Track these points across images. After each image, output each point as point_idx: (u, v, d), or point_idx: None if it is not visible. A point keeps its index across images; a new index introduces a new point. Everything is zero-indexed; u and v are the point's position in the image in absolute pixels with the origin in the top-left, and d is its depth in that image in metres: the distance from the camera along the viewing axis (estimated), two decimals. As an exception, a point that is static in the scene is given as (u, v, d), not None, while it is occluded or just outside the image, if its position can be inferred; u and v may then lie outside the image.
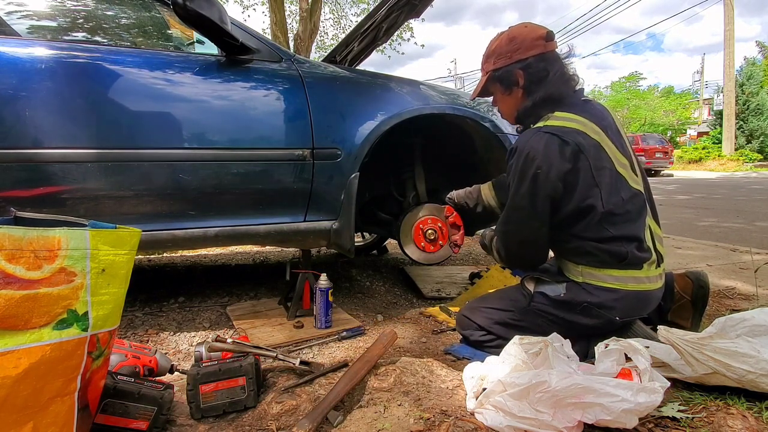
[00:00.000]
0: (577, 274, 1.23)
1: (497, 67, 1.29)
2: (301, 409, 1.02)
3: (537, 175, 1.17)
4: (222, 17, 1.33)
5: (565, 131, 1.19)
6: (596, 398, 0.85)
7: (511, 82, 1.29)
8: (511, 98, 1.33)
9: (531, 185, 1.18)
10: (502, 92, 1.33)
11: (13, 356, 0.67)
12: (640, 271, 1.21)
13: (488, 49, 1.33)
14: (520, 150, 1.21)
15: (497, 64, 1.29)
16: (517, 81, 1.28)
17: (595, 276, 1.21)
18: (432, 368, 1.17)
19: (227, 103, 1.43)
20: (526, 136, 1.22)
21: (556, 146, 1.16)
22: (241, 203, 1.48)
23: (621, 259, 1.19)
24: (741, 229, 4.06)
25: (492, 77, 1.31)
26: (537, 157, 1.16)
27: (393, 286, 2.18)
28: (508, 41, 1.28)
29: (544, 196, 1.18)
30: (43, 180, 1.25)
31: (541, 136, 1.19)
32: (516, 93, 1.31)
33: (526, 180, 1.19)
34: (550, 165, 1.16)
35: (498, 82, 1.32)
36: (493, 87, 1.35)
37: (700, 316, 1.36)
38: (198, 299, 1.90)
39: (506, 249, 1.32)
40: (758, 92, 21.06)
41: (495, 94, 1.37)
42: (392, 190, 2.09)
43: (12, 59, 1.23)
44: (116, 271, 0.82)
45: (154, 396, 0.92)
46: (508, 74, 1.28)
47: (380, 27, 1.71)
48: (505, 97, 1.34)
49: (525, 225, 1.25)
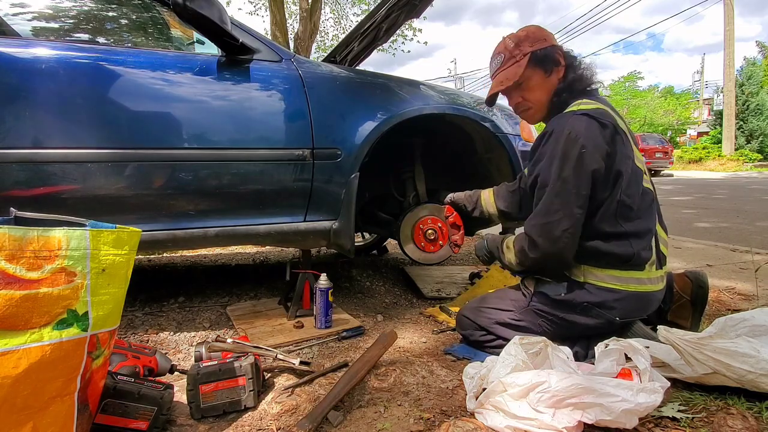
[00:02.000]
0: (579, 274, 1.23)
1: (537, 48, 1.27)
2: (301, 409, 1.02)
3: (582, 155, 1.13)
4: (222, 17, 1.33)
5: (601, 113, 1.18)
6: (596, 398, 0.85)
7: (553, 61, 1.28)
8: (549, 81, 1.30)
9: (576, 165, 1.13)
10: (543, 74, 1.30)
11: (13, 356, 0.67)
12: (641, 272, 1.20)
13: (516, 37, 1.31)
14: (558, 131, 1.17)
15: (536, 46, 1.27)
16: (559, 60, 1.28)
17: (596, 276, 1.21)
18: (432, 368, 1.17)
19: (227, 103, 1.43)
20: (562, 119, 1.20)
21: (596, 127, 1.15)
22: (241, 203, 1.48)
23: (626, 260, 1.18)
24: (741, 229, 4.06)
25: (534, 57, 1.28)
26: (580, 137, 1.13)
27: (393, 286, 2.18)
28: (537, 30, 1.30)
29: (588, 178, 1.14)
30: (43, 180, 1.25)
31: (579, 117, 1.17)
32: (556, 74, 1.29)
33: (570, 160, 1.14)
34: (594, 144, 1.13)
35: (539, 63, 1.28)
36: (531, 71, 1.29)
37: (700, 316, 1.36)
38: (198, 299, 1.90)
39: (543, 246, 1.19)
40: (758, 92, 21.07)
41: (530, 80, 1.31)
42: (392, 190, 2.09)
43: (12, 59, 1.23)
44: (116, 271, 0.82)
45: (154, 396, 0.92)
46: (552, 53, 1.28)
47: (380, 27, 1.71)
48: (544, 80, 1.30)
49: (570, 212, 1.16)
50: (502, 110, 1.99)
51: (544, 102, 1.33)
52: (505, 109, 2.02)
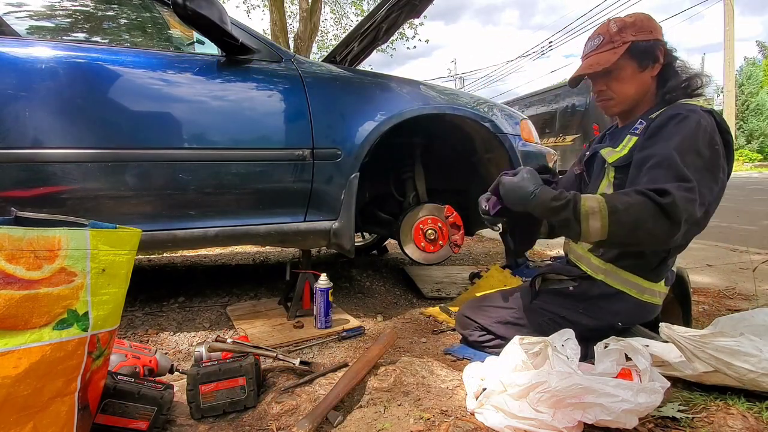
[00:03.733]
0: (599, 272, 1.20)
1: (640, 39, 1.18)
2: (301, 409, 1.02)
3: (717, 150, 1.07)
4: (222, 17, 1.33)
5: (721, 118, 1.12)
6: (596, 398, 0.85)
7: (652, 57, 1.19)
8: (642, 76, 1.21)
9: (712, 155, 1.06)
10: (636, 68, 1.20)
11: (13, 356, 0.67)
12: (657, 284, 1.20)
13: (623, 22, 1.21)
14: (690, 118, 1.08)
15: (639, 36, 1.18)
16: (658, 57, 1.19)
17: (618, 278, 1.18)
18: (432, 368, 1.17)
19: (227, 103, 1.43)
20: (689, 108, 1.11)
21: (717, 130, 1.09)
22: (241, 203, 1.48)
23: (653, 268, 1.17)
24: (741, 229, 4.06)
25: (633, 48, 1.18)
26: (713, 133, 1.07)
27: (393, 286, 2.18)
28: (647, 19, 1.21)
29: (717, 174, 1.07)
30: (43, 180, 1.25)
31: (707, 113, 1.10)
32: (650, 71, 1.20)
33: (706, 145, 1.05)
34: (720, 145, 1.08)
35: (637, 55, 1.19)
36: (624, 61, 1.20)
37: (689, 311, 1.36)
38: (198, 299, 1.90)
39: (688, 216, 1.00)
40: (758, 92, 21.09)
41: (621, 70, 1.21)
42: (392, 190, 2.09)
43: (12, 59, 1.23)
44: (116, 271, 0.82)
45: (154, 396, 0.92)
46: (652, 48, 1.18)
47: (380, 27, 1.71)
48: (636, 74, 1.21)
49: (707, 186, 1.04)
50: (502, 110, 1.99)
51: (629, 96, 1.24)
52: (505, 109, 2.02)
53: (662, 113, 1.14)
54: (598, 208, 1.02)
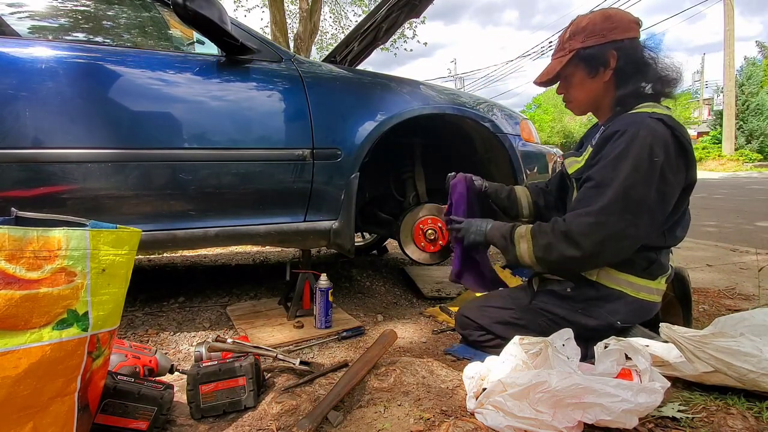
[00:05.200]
0: (594, 273, 1.20)
1: (588, 45, 1.18)
2: (301, 409, 1.02)
3: (655, 164, 1.05)
4: (222, 17, 1.33)
5: (675, 121, 1.10)
6: (596, 398, 0.85)
7: (600, 62, 1.18)
8: (594, 82, 1.21)
9: (648, 173, 1.06)
10: (585, 75, 1.21)
11: (13, 356, 0.67)
12: (653, 281, 1.20)
13: (576, 26, 1.21)
14: (631, 133, 1.07)
15: (587, 42, 1.18)
16: (608, 62, 1.17)
17: (612, 278, 1.19)
18: (432, 368, 1.17)
19: (227, 103, 1.43)
20: (635, 119, 1.10)
21: (670, 136, 1.08)
22: (241, 203, 1.48)
23: (646, 267, 1.17)
24: (741, 229, 4.06)
25: (578, 55, 1.19)
26: (655, 145, 1.06)
27: (393, 286, 2.18)
28: (603, 19, 1.18)
29: (655, 191, 1.07)
30: (44, 180, 1.25)
31: (655, 122, 1.08)
32: (602, 76, 1.19)
33: (641, 166, 1.05)
34: (667, 154, 1.06)
35: (583, 62, 1.20)
36: (573, 68, 1.22)
37: (690, 311, 1.36)
38: (198, 299, 1.90)
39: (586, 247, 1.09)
40: (758, 92, 21.09)
41: (571, 77, 1.24)
42: (392, 190, 2.09)
43: (12, 59, 1.23)
44: (116, 271, 0.82)
45: (154, 396, 0.92)
46: (600, 54, 1.17)
47: (380, 27, 1.71)
48: (585, 81, 1.22)
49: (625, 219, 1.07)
50: (502, 110, 1.99)
51: (582, 101, 1.27)
52: (505, 109, 2.03)
53: (608, 128, 1.15)
54: (525, 232, 1.21)
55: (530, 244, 1.19)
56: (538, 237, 1.18)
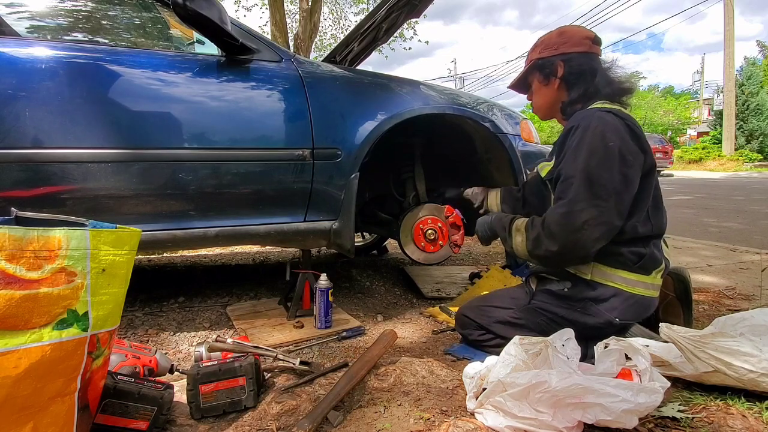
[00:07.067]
0: (587, 271, 1.22)
1: (542, 56, 1.35)
2: (301, 409, 1.02)
3: (610, 148, 1.13)
4: (222, 17, 1.33)
5: (624, 113, 1.21)
6: (596, 398, 0.85)
7: (551, 72, 1.33)
8: (548, 89, 1.36)
9: (604, 158, 1.13)
10: (540, 82, 1.37)
11: (13, 356, 0.67)
12: (648, 276, 1.21)
13: (539, 40, 1.39)
14: (584, 126, 1.17)
15: (543, 53, 1.35)
16: (556, 71, 1.32)
17: (605, 274, 1.21)
18: (432, 368, 1.17)
19: (227, 103, 1.43)
20: (587, 114, 1.20)
21: (621, 123, 1.17)
22: (241, 203, 1.48)
23: (638, 261, 1.19)
24: (741, 229, 4.06)
25: (534, 65, 1.37)
26: (607, 131, 1.14)
27: (393, 286, 2.18)
28: (557, 35, 1.35)
29: (614, 172, 1.13)
30: (44, 180, 1.24)
31: (604, 113, 1.18)
32: (553, 84, 1.34)
33: (596, 154, 1.13)
34: (621, 139, 1.14)
35: (538, 71, 1.37)
36: (532, 76, 1.40)
37: (690, 311, 1.36)
38: (198, 299, 1.90)
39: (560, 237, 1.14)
40: (758, 92, 21.07)
41: (532, 84, 1.42)
42: (392, 190, 2.09)
43: (12, 59, 1.23)
44: (116, 271, 0.82)
45: (154, 396, 0.92)
46: (550, 64, 1.33)
47: (380, 27, 1.71)
48: (541, 87, 1.38)
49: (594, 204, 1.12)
50: (502, 110, 1.99)
51: (542, 106, 1.41)
52: (505, 109, 2.03)
53: (569, 122, 1.25)
54: (521, 225, 1.28)
55: (524, 237, 1.26)
56: (530, 230, 1.24)
